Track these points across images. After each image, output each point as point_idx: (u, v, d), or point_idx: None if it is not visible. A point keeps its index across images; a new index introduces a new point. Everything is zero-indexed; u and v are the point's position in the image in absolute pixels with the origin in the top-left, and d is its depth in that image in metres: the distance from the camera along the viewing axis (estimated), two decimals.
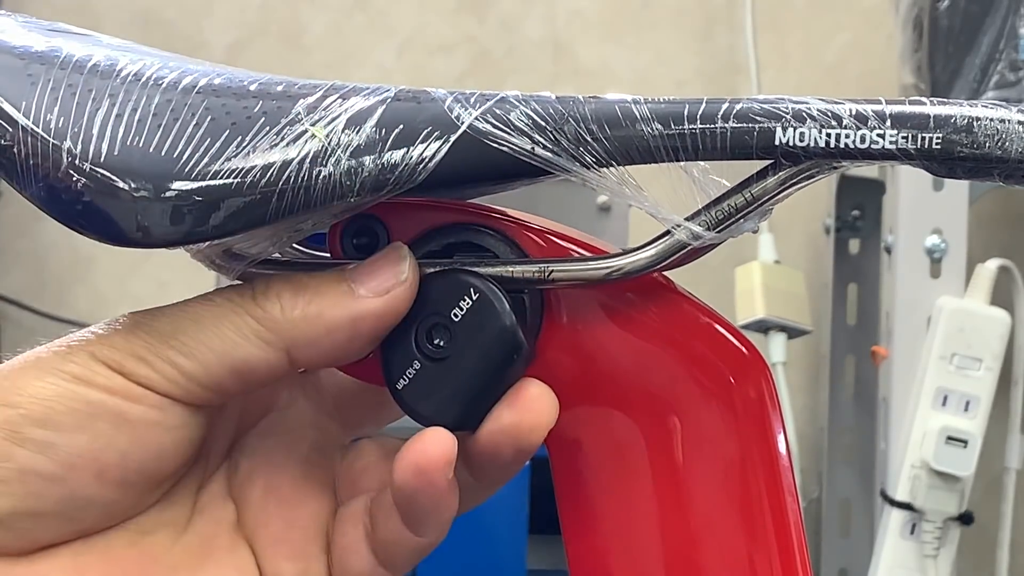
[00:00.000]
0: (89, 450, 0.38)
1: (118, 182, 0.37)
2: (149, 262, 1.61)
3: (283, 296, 0.40)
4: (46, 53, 0.39)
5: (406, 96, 0.39)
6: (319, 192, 0.38)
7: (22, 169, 0.38)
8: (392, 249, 0.41)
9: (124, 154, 0.38)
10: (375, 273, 0.41)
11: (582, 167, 0.39)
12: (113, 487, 0.39)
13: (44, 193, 0.38)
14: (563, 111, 0.39)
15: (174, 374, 0.39)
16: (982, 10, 1.26)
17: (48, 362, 0.39)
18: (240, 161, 0.38)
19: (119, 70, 0.39)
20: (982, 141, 0.37)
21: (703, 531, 0.42)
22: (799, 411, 1.54)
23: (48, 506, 0.38)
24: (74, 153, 0.37)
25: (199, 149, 0.38)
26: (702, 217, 0.40)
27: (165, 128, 0.38)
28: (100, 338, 0.40)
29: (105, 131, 0.38)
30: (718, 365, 0.42)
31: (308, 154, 0.38)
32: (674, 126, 0.38)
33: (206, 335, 0.39)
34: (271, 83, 0.40)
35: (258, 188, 0.38)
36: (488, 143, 0.38)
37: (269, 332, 0.40)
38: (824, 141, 0.38)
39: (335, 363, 0.43)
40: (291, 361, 0.40)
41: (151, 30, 1.64)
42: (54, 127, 0.38)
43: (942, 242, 1.24)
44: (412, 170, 0.38)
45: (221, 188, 0.38)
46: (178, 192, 0.37)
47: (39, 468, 0.38)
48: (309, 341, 0.40)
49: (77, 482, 0.38)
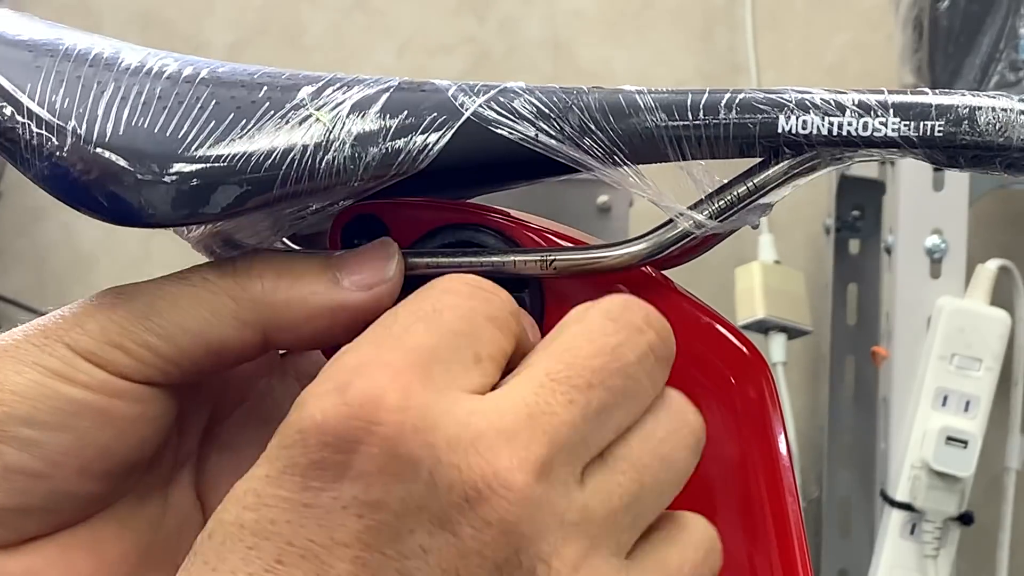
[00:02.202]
0: (73, 447, 0.38)
1: (122, 162, 0.37)
2: (149, 262, 1.61)
3: (265, 277, 0.40)
4: (52, 44, 0.40)
5: (410, 86, 0.39)
6: (323, 176, 0.38)
7: (26, 149, 0.38)
8: (381, 245, 0.41)
9: (129, 135, 0.38)
10: (361, 266, 0.41)
11: (585, 155, 0.39)
12: (96, 480, 0.40)
13: (48, 173, 0.38)
14: (567, 100, 0.39)
15: (150, 357, 0.39)
16: (982, 10, 1.26)
17: (26, 353, 0.39)
18: (245, 144, 0.38)
19: (124, 60, 0.40)
20: (984, 129, 0.38)
21: None
22: (799, 411, 1.54)
23: (33, 502, 0.39)
24: (79, 134, 0.38)
25: (204, 131, 0.38)
26: (705, 206, 0.40)
27: (170, 111, 0.38)
28: (73, 324, 0.39)
29: (110, 113, 0.38)
30: (718, 365, 0.42)
31: (312, 138, 0.38)
32: (678, 116, 0.38)
33: (181, 315, 0.39)
34: (275, 73, 0.40)
35: (262, 170, 0.38)
36: (492, 130, 0.39)
37: (247, 313, 0.40)
38: (827, 129, 0.38)
39: (312, 347, 0.42)
40: (267, 342, 0.40)
41: (151, 30, 1.64)
42: (59, 108, 0.38)
43: (942, 242, 1.24)
44: (416, 155, 0.38)
45: (225, 169, 0.38)
46: (182, 173, 0.37)
47: (24, 466, 0.38)
48: (287, 325, 0.40)
49: (62, 478, 0.39)
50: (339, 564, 0.33)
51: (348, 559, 0.33)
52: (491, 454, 0.34)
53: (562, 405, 0.35)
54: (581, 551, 0.35)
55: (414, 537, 0.33)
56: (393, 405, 0.34)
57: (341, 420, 0.34)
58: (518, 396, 0.35)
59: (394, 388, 0.34)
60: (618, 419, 0.36)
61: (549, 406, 0.35)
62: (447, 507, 0.33)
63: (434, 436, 0.34)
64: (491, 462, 0.34)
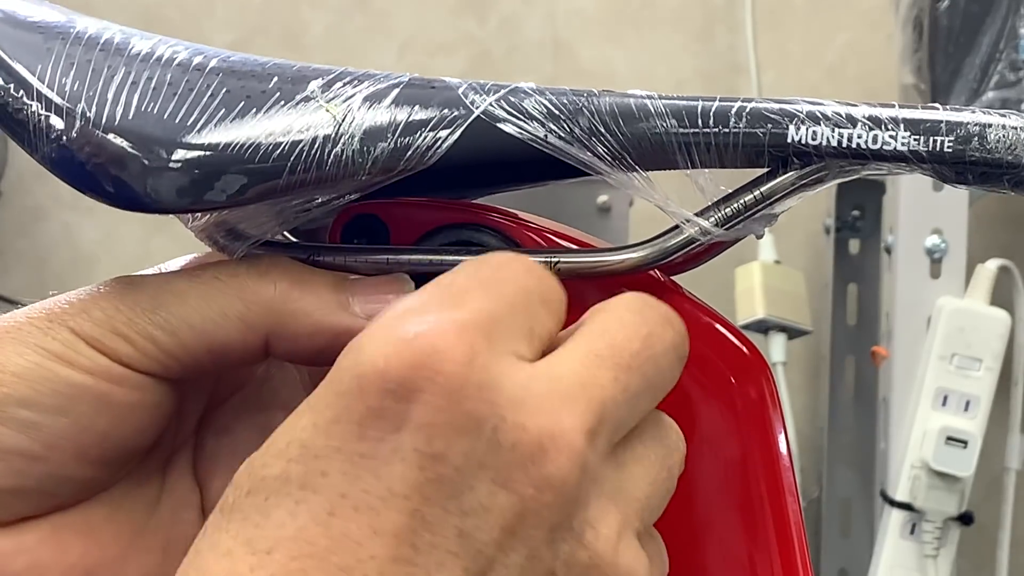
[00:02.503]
0: (71, 432, 0.38)
1: (129, 147, 0.37)
2: (149, 261, 1.60)
3: (280, 283, 0.40)
4: (63, 26, 0.40)
5: (420, 82, 0.39)
6: (331, 168, 0.38)
7: (34, 131, 0.38)
8: (396, 280, 0.41)
9: (138, 119, 0.38)
10: (374, 297, 0.40)
11: (594, 157, 0.39)
12: (92, 465, 0.40)
13: (56, 155, 0.38)
14: (578, 102, 0.39)
15: (153, 350, 0.39)
16: (982, 10, 1.26)
17: (28, 335, 0.38)
18: (253, 132, 0.38)
19: (134, 46, 0.40)
20: (994, 147, 0.38)
21: (703, 531, 0.42)
22: (799, 411, 1.54)
23: (29, 483, 0.39)
24: (87, 117, 0.38)
25: (213, 118, 0.38)
26: (711, 213, 0.40)
27: (180, 97, 0.38)
28: (79, 309, 0.39)
29: (120, 96, 0.38)
30: (718, 365, 0.42)
31: (322, 130, 0.38)
32: (688, 122, 0.38)
33: (188, 312, 0.39)
34: (286, 65, 0.40)
35: (271, 160, 0.38)
36: (501, 129, 0.39)
37: (255, 316, 0.40)
38: (837, 140, 0.38)
39: (304, 363, 0.42)
40: (266, 349, 0.40)
41: (151, 30, 1.62)
42: (69, 91, 0.38)
43: (942, 242, 1.24)
44: (424, 152, 0.38)
45: (234, 157, 0.38)
46: (190, 158, 0.37)
47: (21, 447, 0.38)
48: (289, 335, 0.40)
49: (58, 461, 0.39)
50: (396, 517, 0.32)
51: (407, 512, 0.32)
52: (555, 415, 0.33)
53: (608, 380, 0.35)
54: (618, 523, 0.35)
55: (475, 494, 0.33)
56: (459, 358, 0.33)
57: (405, 368, 0.33)
58: (569, 367, 0.35)
59: (461, 342, 0.33)
60: (643, 407, 0.37)
61: (596, 379, 0.35)
62: (510, 464, 0.33)
63: (498, 395, 0.33)
64: (556, 422, 0.33)
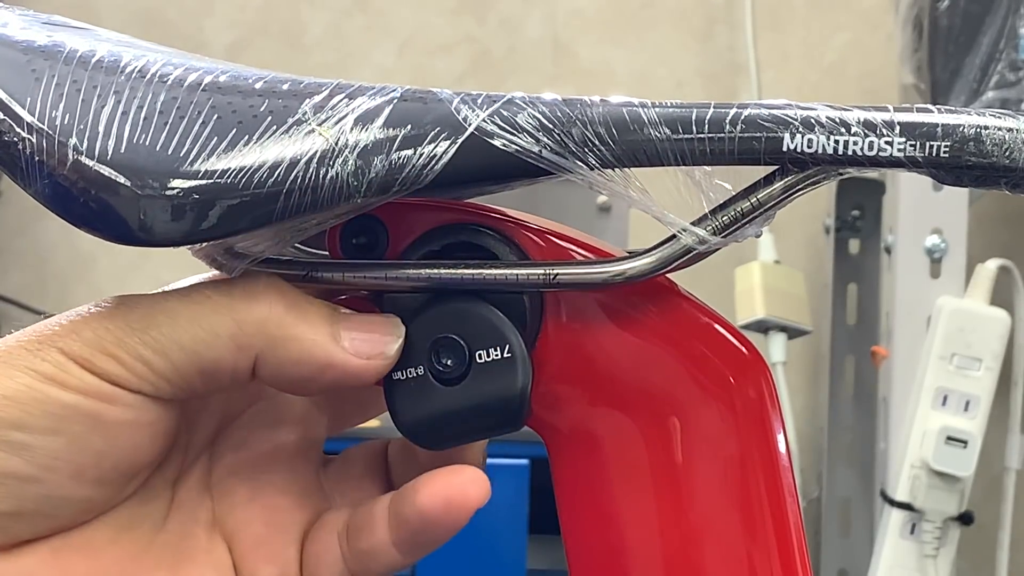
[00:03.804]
0: (65, 452, 0.38)
1: (124, 180, 0.37)
2: (149, 261, 1.61)
3: (275, 306, 0.40)
4: (49, 48, 0.39)
5: (412, 96, 0.39)
6: (326, 192, 0.38)
7: (26, 166, 0.37)
8: (389, 321, 0.41)
9: (130, 152, 0.37)
10: (366, 335, 0.40)
11: (589, 170, 0.39)
12: (90, 485, 0.39)
13: (49, 191, 0.37)
14: (570, 114, 0.38)
15: (143, 370, 0.39)
16: (982, 10, 1.26)
17: (18, 359, 0.38)
18: (247, 160, 0.37)
19: (123, 66, 0.39)
20: (990, 150, 0.37)
21: (703, 531, 0.42)
22: (799, 411, 1.54)
23: (26, 506, 0.38)
24: (80, 150, 0.37)
25: (206, 148, 0.38)
26: (708, 222, 0.40)
27: (171, 126, 0.38)
28: (69, 331, 0.39)
29: (111, 128, 0.38)
30: (718, 365, 0.42)
31: (315, 154, 0.38)
32: (682, 131, 0.38)
33: (178, 332, 0.39)
34: (276, 81, 0.39)
35: (265, 188, 0.37)
36: (495, 145, 0.38)
37: (247, 336, 0.39)
38: (832, 148, 0.38)
39: (286, 390, 0.42)
40: (255, 371, 0.40)
41: (151, 30, 1.64)
42: (60, 124, 0.37)
43: (942, 242, 1.24)
44: (419, 171, 0.38)
45: (228, 187, 0.37)
46: (183, 190, 0.37)
47: (16, 470, 0.38)
48: (276, 360, 0.40)
49: (54, 483, 0.38)
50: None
51: None
52: None
53: None
54: None
55: None
56: None
57: None
58: None
59: None
60: None
61: None
62: None
63: None
64: None
